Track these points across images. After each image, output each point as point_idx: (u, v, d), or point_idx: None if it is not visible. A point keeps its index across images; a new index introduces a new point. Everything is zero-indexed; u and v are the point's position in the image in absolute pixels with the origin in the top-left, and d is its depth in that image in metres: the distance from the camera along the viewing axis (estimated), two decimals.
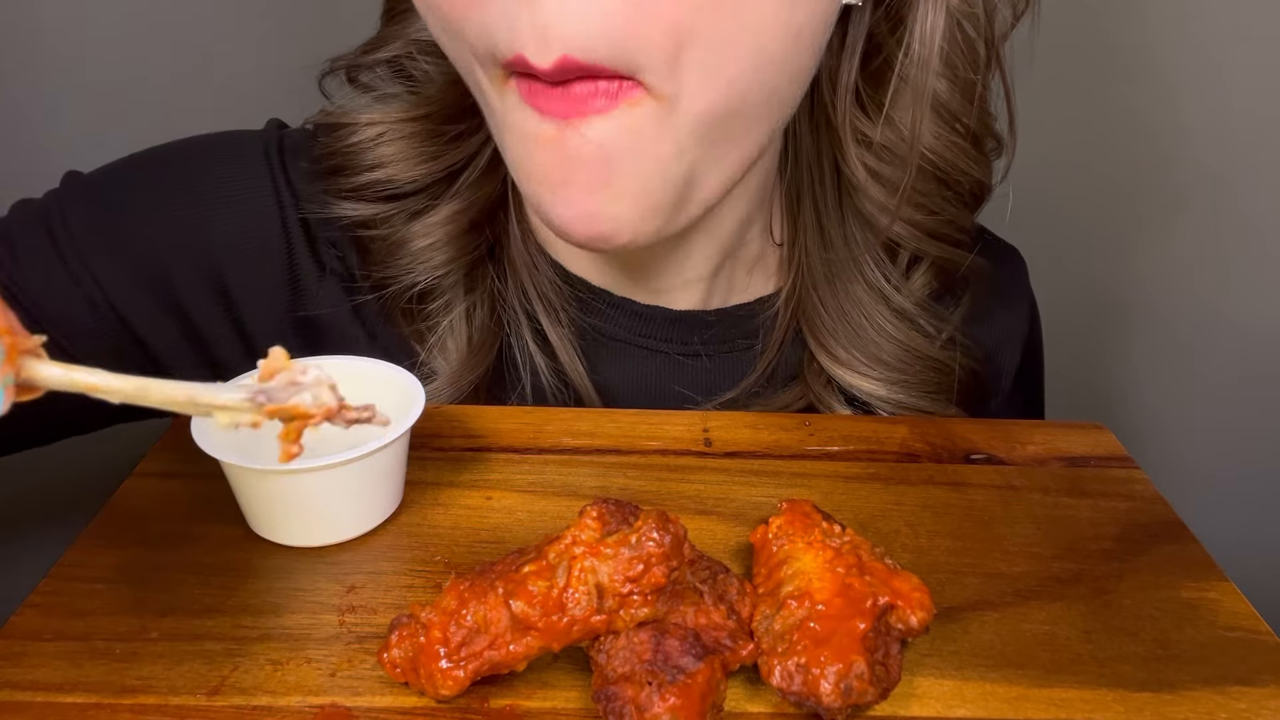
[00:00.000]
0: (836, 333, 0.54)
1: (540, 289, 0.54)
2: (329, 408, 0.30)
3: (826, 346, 0.54)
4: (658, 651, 0.32)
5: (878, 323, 0.54)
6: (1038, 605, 0.39)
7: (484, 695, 0.34)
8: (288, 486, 0.39)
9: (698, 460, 0.47)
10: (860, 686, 0.32)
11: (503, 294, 0.54)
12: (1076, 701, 0.34)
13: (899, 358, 0.54)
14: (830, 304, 0.54)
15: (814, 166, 0.54)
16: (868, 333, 0.54)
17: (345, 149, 0.53)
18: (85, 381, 0.29)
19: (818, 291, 0.54)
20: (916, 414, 0.54)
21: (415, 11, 0.51)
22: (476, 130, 0.53)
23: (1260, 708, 0.34)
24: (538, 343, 0.54)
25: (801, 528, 0.37)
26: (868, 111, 0.51)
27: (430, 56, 0.53)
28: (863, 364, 0.54)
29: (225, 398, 0.30)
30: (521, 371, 0.54)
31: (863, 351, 0.54)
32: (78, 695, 0.33)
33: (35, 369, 0.28)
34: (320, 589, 0.38)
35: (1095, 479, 0.46)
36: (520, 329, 0.54)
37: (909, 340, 0.54)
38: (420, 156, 0.52)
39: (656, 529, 0.33)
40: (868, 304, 0.54)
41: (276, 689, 0.34)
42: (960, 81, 0.49)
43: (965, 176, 0.52)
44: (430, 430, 0.48)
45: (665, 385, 0.55)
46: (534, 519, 0.43)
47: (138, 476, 0.44)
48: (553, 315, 0.54)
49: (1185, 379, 1.04)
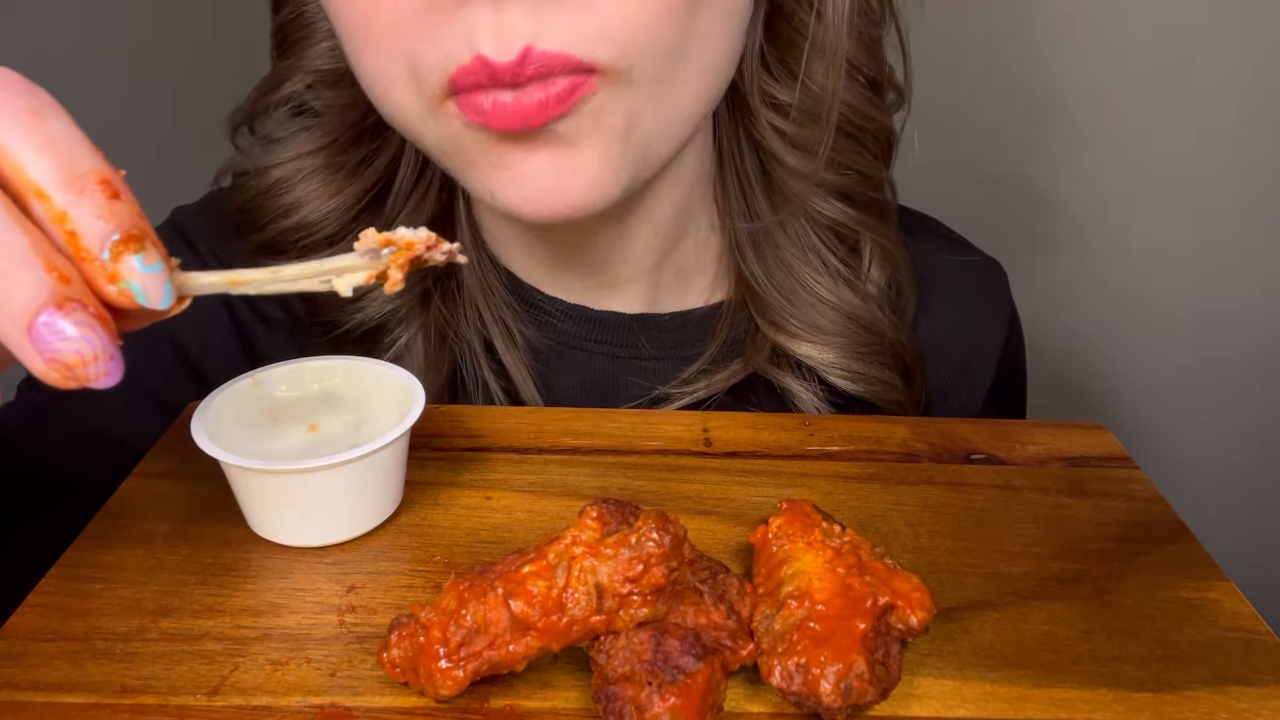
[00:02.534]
0: (779, 304, 0.54)
1: (495, 309, 0.54)
2: (428, 236, 0.34)
3: (766, 314, 0.55)
4: (658, 651, 0.32)
5: (813, 289, 0.54)
6: (1038, 605, 0.39)
7: (484, 695, 0.34)
8: (288, 486, 0.39)
9: (698, 460, 0.47)
10: (860, 686, 0.32)
11: (452, 319, 0.54)
12: (1076, 701, 0.34)
13: (840, 326, 0.54)
14: (770, 277, 0.55)
15: (732, 140, 0.54)
16: (801, 294, 0.54)
17: (254, 199, 0.52)
18: (230, 278, 0.31)
19: (757, 270, 0.55)
20: (858, 379, 0.54)
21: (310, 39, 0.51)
22: (382, 150, 0.52)
23: (1260, 708, 0.34)
24: (492, 366, 0.54)
25: (801, 528, 0.37)
26: (775, 75, 0.51)
27: (331, 87, 0.52)
28: (801, 329, 0.54)
29: (345, 261, 0.33)
30: (473, 394, 0.54)
31: (799, 319, 0.54)
32: (78, 695, 0.33)
33: (185, 278, 0.30)
34: (320, 589, 0.38)
35: (1095, 479, 0.46)
36: (473, 350, 0.54)
37: (846, 305, 0.54)
38: (329, 191, 0.52)
39: (656, 529, 0.33)
40: (800, 268, 0.54)
41: (276, 689, 0.34)
42: (864, 37, 0.50)
43: (872, 124, 0.53)
44: (430, 430, 0.48)
45: (620, 386, 0.56)
46: (534, 519, 0.43)
47: (138, 476, 0.44)
48: (507, 337, 0.54)
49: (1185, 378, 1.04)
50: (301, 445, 0.43)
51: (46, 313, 0.27)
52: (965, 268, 0.60)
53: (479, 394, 0.54)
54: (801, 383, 0.54)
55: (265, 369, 0.44)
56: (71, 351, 0.27)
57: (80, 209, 0.27)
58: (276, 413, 0.43)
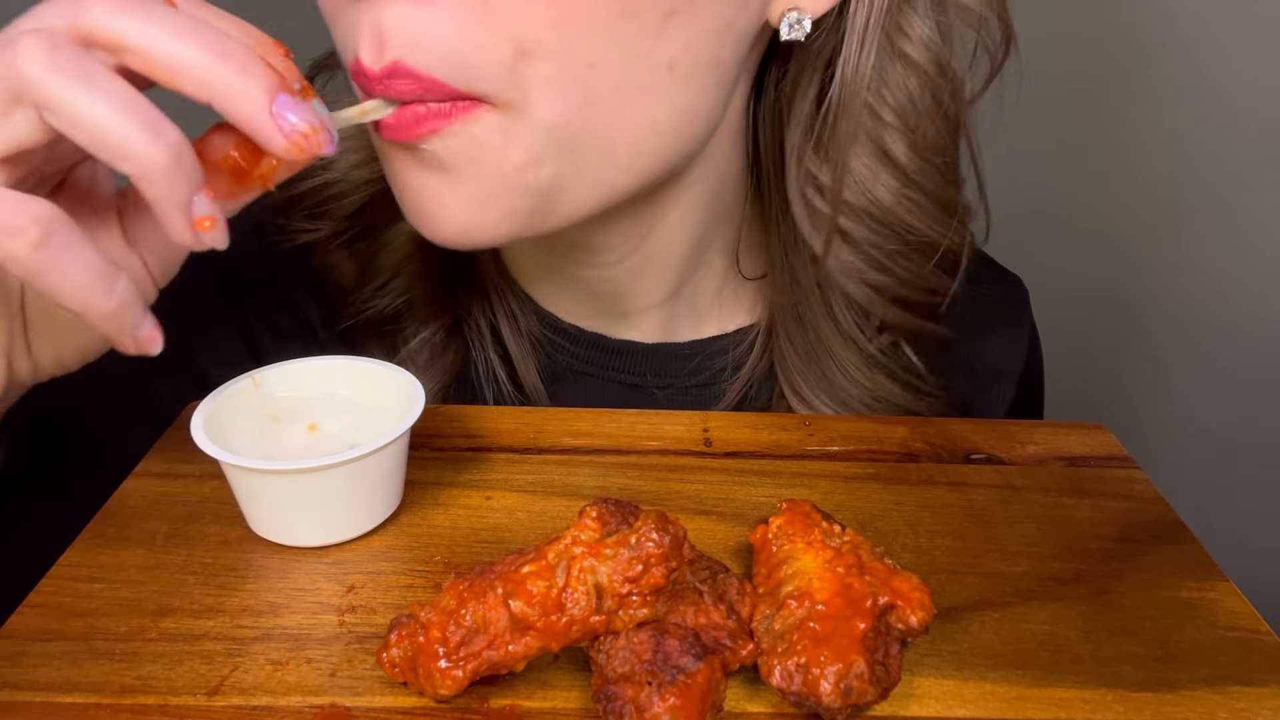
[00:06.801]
0: (806, 375, 0.53)
1: (514, 327, 0.54)
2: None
3: (795, 387, 0.53)
4: (657, 651, 0.32)
5: (847, 370, 0.53)
6: (1038, 605, 0.39)
7: (484, 695, 0.34)
8: (288, 486, 0.39)
9: (698, 460, 0.47)
10: (860, 686, 0.32)
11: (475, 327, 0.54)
12: (1076, 701, 0.34)
13: (867, 405, 0.53)
14: (800, 345, 0.53)
15: (776, 199, 0.52)
16: (836, 378, 0.53)
17: None
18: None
19: (789, 331, 0.53)
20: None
21: None
22: None
23: (1260, 708, 0.34)
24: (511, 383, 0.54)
25: (801, 528, 0.37)
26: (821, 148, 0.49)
27: None
28: (830, 408, 0.53)
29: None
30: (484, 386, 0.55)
31: (831, 396, 0.53)
32: (78, 695, 0.33)
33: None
34: (320, 589, 0.38)
35: (1095, 479, 0.46)
36: (490, 365, 0.54)
37: (877, 389, 0.53)
38: (358, 160, 0.52)
39: (656, 529, 0.33)
40: (837, 349, 0.53)
41: (276, 689, 0.34)
42: (911, 136, 0.48)
43: (928, 240, 0.50)
44: (430, 430, 0.48)
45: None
46: (534, 519, 0.43)
47: (138, 476, 0.44)
48: (525, 358, 0.54)
49: (1185, 379, 1.05)
50: (301, 445, 0.43)
51: (280, 96, 0.33)
52: (989, 293, 0.58)
53: (489, 386, 0.54)
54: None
55: (265, 369, 0.44)
56: (305, 123, 0.33)
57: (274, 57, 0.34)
58: (276, 413, 0.43)
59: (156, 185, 0.32)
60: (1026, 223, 0.98)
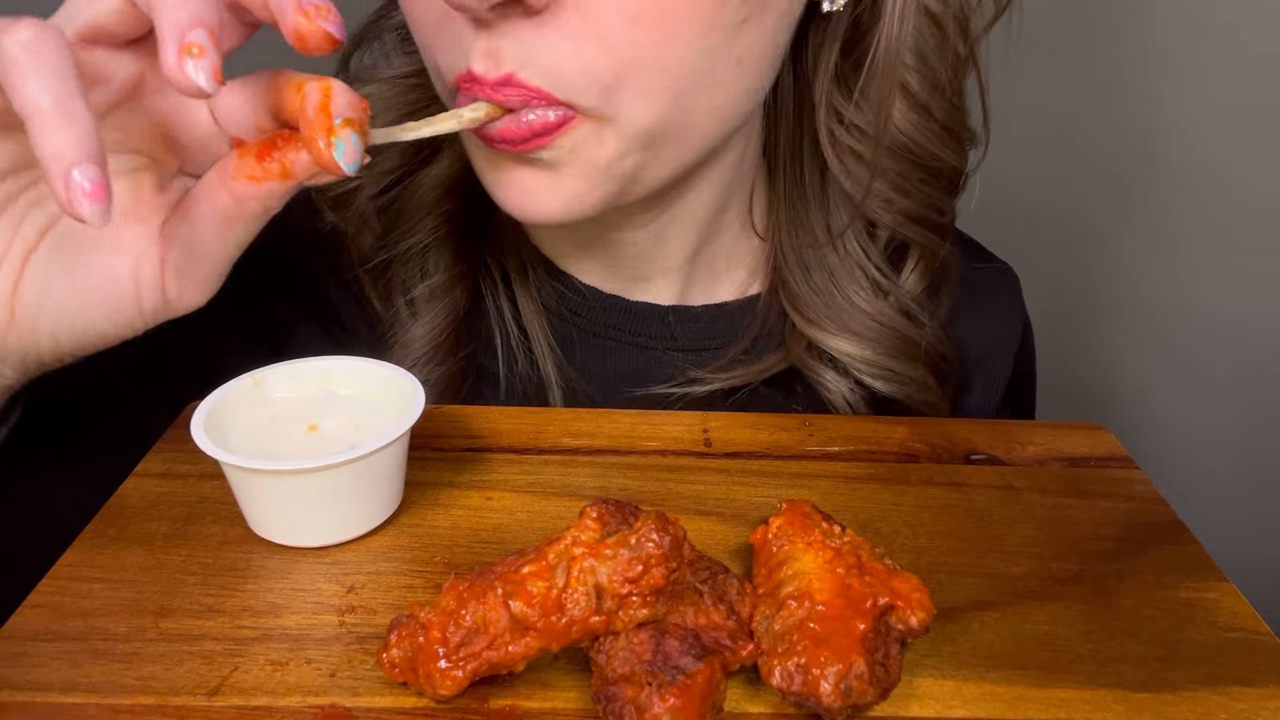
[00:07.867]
0: (815, 304, 0.57)
1: (533, 294, 0.56)
2: None
3: (802, 312, 0.57)
4: (657, 652, 0.32)
5: (849, 295, 0.56)
6: (1038, 605, 0.39)
7: (484, 695, 0.34)
8: (288, 486, 0.39)
9: (698, 460, 0.47)
10: (860, 687, 0.32)
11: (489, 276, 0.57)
12: (1076, 701, 0.34)
13: (869, 327, 0.56)
14: (808, 280, 0.57)
15: (793, 147, 0.56)
16: (837, 301, 0.56)
17: None
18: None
19: (796, 273, 0.57)
20: (893, 380, 0.56)
21: None
22: None
23: (1260, 708, 0.34)
24: (522, 346, 0.56)
25: (801, 528, 0.37)
26: (847, 91, 0.53)
27: None
28: (834, 331, 0.56)
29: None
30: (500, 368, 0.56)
31: (835, 321, 0.56)
32: (78, 695, 0.33)
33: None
34: (320, 589, 0.38)
35: (1095, 479, 0.46)
36: (505, 328, 0.56)
37: (880, 315, 0.56)
38: (404, 106, 0.54)
39: (656, 530, 0.33)
40: (842, 276, 0.56)
41: (276, 689, 0.34)
42: (930, 76, 0.52)
43: (940, 163, 0.55)
44: (430, 430, 0.48)
45: (653, 370, 0.57)
46: (534, 519, 0.43)
47: (138, 476, 0.44)
48: (540, 320, 0.56)
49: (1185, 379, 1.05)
50: (301, 445, 0.43)
51: None
52: (987, 273, 0.63)
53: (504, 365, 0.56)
54: (838, 378, 0.56)
55: (265, 369, 0.44)
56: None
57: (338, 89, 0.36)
58: (276, 413, 0.43)
59: None
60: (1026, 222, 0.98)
